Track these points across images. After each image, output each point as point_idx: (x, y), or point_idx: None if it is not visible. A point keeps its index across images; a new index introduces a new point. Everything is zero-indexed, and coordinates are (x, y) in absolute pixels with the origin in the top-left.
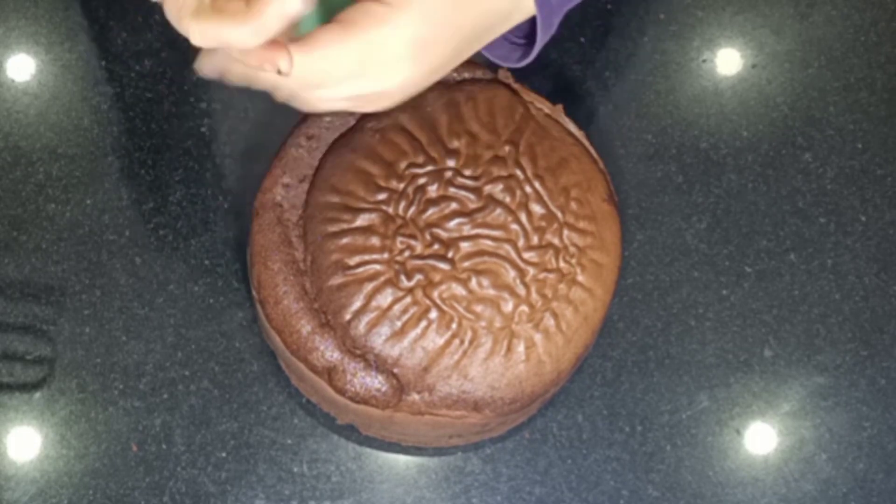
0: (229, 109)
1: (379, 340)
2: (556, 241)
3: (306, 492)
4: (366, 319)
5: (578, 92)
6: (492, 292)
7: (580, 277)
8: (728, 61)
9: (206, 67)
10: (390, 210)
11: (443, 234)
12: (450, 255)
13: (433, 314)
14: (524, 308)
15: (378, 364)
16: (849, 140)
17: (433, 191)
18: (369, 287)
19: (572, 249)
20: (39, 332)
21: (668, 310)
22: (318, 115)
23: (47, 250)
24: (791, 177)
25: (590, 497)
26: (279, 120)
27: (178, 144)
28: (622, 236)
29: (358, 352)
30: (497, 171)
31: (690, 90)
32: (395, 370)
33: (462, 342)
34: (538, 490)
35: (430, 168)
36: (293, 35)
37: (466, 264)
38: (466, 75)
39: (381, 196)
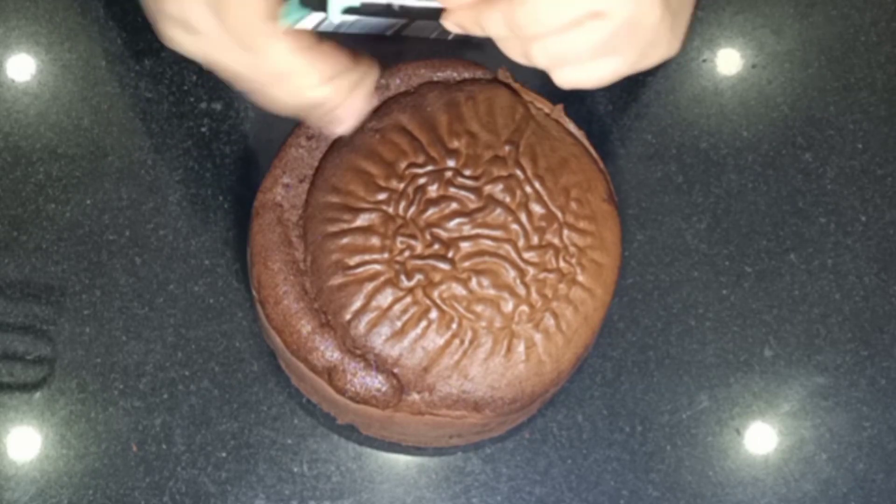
0: (229, 109)
1: (379, 340)
2: (556, 241)
3: (306, 492)
4: (366, 319)
5: (578, 92)
6: (492, 292)
7: (580, 277)
8: (728, 61)
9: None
10: (390, 210)
11: (443, 234)
12: (450, 255)
13: (433, 314)
14: (524, 308)
15: (378, 364)
16: (849, 140)
17: (433, 191)
18: (369, 287)
19: (572, 249)
20: (39, 332)
21: (668, 310)
22: None
23: (47, 250)
24: (791, 177)
25: (590, 497)
26: (279, 120)
27: (178, 144)
28: (622, 236)
29: (358, 352)
30: (497, 171)
31: (690, 90)
32: (395, 370)
33: (462, 342)
34: (538, 490)
35: (430, 168)
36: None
37: (466, 264)
38: (466, 75)
39: (382, 196)
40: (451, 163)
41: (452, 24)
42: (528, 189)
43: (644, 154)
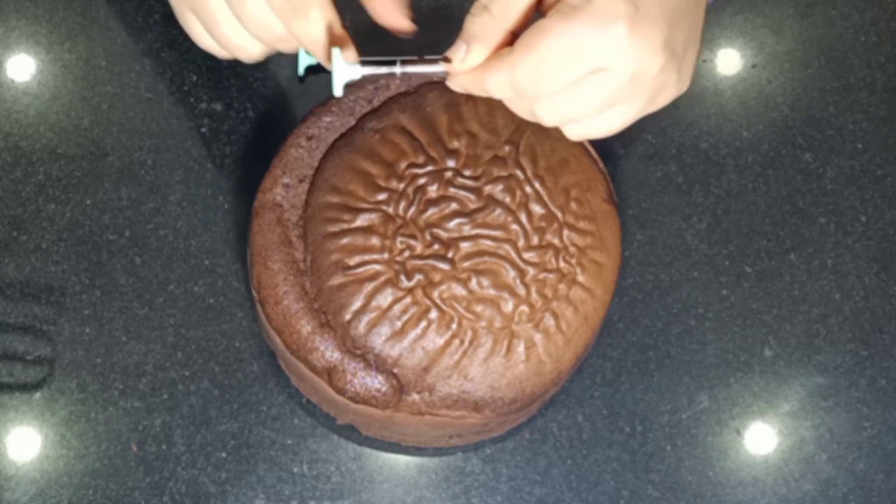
0: (229, 109)
1: (379, 340)
2: (556, 241)
3: (306, 492)
4: (366, 319)
5: None
6: (492, 292)
7: (580, 277)
8: (728, 61)
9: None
10: (390, 210)
11: (443, 234)
12: (450, 255)
13: (433, 314)
14: (524, 308)
15: (378, 364)
16: (849, 140)
17: (433, 191)
18: (369, 287)
19: (572, 249)
20: (39, 332)
21: (668, 310)
22: (319, 116)
23: (47, 250)
24: (791, 177)
25: (590, 497)
26: (279, 120)
27: (178, 144)
28: (622, 236)
29: (358, 352)
30: (497, 171)
31: (690, 90)
32: (395, 370)
33: (462, 342)
34: (538, 490)
35: (430, 168)
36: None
37: (466, 264)
38: None
39: (381, 196)
40: (451, 163)
41: (457, 87)
42: (528, 189)
43: (644, 154)
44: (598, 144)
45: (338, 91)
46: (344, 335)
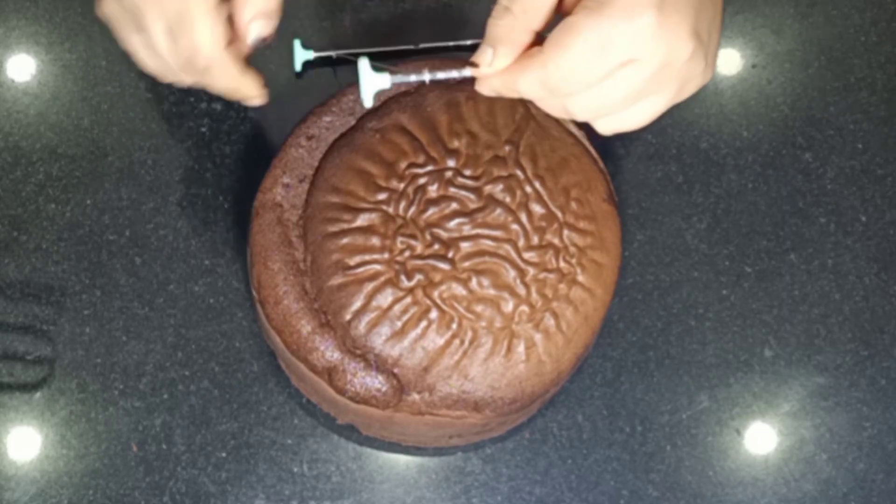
0: (229, 109)
1: (379, 340)
2: (556, 241)
3: (306, 492)
4: (366, 319)
5: None
6: (492, 292)
7: (580, 277)
8: (728, 61)
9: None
10: (390, 210)
11: (443, 234)
12: (450, 255)
13: (433, 314)
14: (524, 308)
15: (378, 364)
16: (849, 140)
17: (433, 191)
18: (369, 287)
19: (572, 249)
20: (39, 332)
21: (668, 310)
22: (319, 115)
23: (47, 250)
24: (791, 177)
25: (590, 497)
26: (279, 120)
27: (178, 144)
28: (622, 236)
29: (358, 352)
30: (497, 171)
31: None
32: (396, 370)
33: (462, 342)
34: (538, 490)
35: (430, 168)
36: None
37: (466, 264)
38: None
39: (382, 196)
40: (451, 163)
41: (487, 90)
42: (529, 189)
43: (644, 154)
44: (598, 144)
45: (367, 102)
46: (344, 335)
